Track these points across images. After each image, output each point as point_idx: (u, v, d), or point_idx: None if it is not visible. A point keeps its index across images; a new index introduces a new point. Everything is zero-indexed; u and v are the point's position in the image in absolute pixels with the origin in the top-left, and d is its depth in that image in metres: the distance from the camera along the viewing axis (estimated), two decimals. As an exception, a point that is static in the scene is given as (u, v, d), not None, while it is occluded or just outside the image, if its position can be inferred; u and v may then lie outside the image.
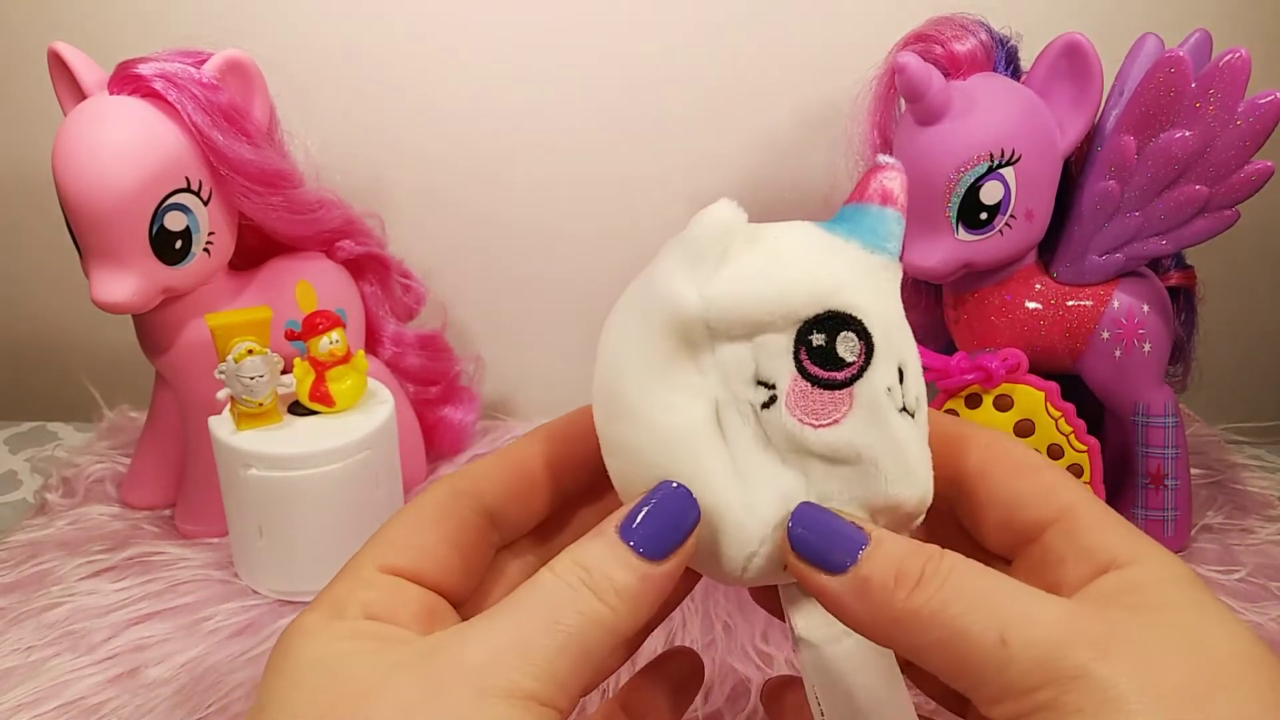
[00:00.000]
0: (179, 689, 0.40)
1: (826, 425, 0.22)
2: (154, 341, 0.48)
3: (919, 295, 0.52)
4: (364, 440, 0.44)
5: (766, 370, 0.22)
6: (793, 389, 0.22)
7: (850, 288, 0.22)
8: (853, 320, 0.22)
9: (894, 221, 0.23)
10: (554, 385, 0.67)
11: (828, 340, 0.22)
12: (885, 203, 0.22)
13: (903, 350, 0.23)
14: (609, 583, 0.21)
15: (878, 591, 0.20)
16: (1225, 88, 0.40)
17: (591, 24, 0.58)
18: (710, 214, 0.22)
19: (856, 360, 0.22)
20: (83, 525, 0.51)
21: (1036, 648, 0.18)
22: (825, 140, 0.55)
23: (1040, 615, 0.19)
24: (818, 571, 0.21)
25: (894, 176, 0.23)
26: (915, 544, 0.21)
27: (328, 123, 0.53)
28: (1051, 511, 0.22)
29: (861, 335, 0.22)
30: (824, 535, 0.21)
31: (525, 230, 0.63)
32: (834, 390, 0.22)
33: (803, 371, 0.22)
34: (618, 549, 0.21)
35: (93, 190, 0.42)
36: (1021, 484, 0.23)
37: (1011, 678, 0.18)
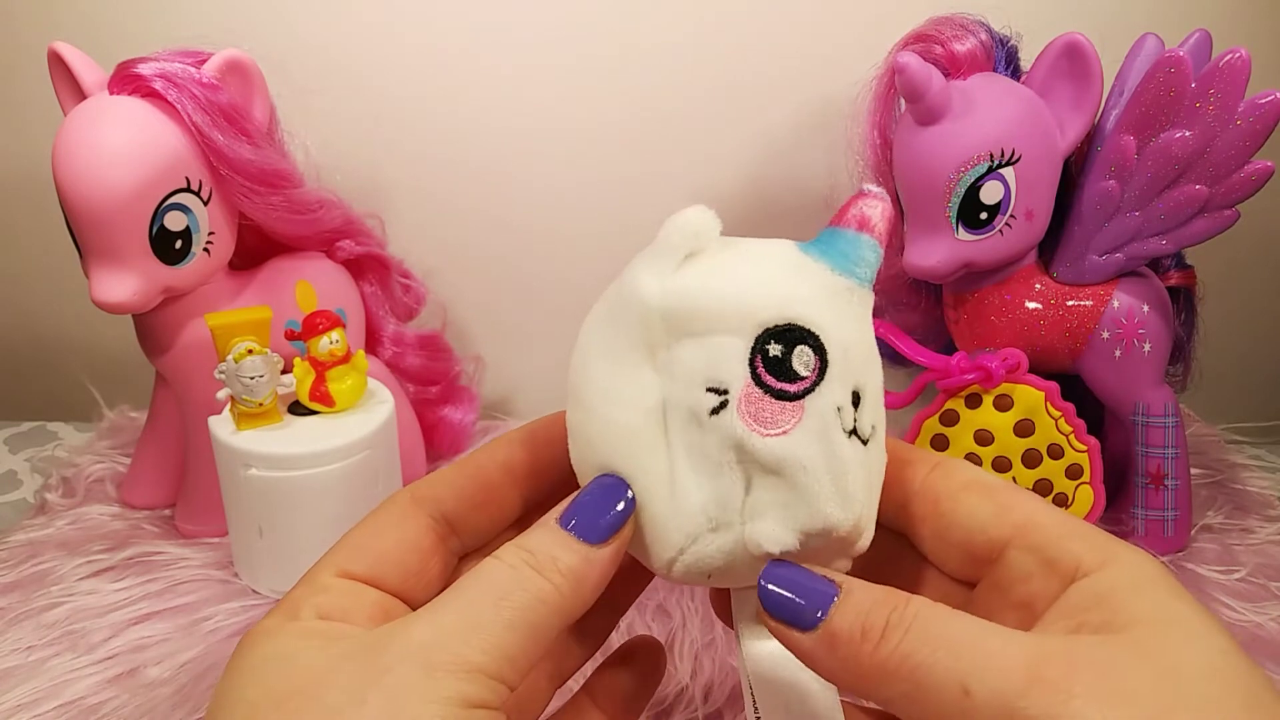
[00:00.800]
0: (179, 689, 0.40)
1: (775, 434, 0.22)
2: (154, 341, 0.48)
3: (919, 295, 0.52)
4: (364, 440, 0.44)
5: (720, 375, 0.23)
6: (745, 395, 0.22)
7: (811, 304, 0.22)
8: (810, 335, 0.22)
9: (868, 248, 0.23)
10: (554, 385, 0.67)
11: (784, 351, 0.22)
12: (861, 229, 0.23)
13: (862, 375, 0.23)
14: (553, 562, 0.21)
15: (845, 645, 0.20)
16: (1225, 88, 0.40)
17: (591, 23, 0.58)
18: (681, 215, 0.23)
19: (810, 375, 0.22)
20: (83, 525, 0.51)
21: (1000, 697, 0.18)
22: (825, 140, 0.55)
23: (1002, 661, 0.19)
24: (792, 629, 0.21)
25: (875, 205, 0.23)
26: (883, 593, 0.21)
27: (328, 123, 0.53)
28: (1009, 529, 0.22)
29: (818, 351, 0.22)
30: (795, 592, 0.21)
31: (525, 230, 0.63)
32: (785, 401, 0.22)
33: (757, 379, 0.22)
34: (559, 534, 0.22)
35: (93, 190, 0.42)
36: (974, 505, 0.23)
37: None
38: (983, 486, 0.23)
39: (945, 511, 0.23)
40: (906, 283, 0.51)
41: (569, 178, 0.62)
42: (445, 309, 0.62)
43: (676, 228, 0.23)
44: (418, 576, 0.24)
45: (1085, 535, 0.21)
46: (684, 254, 0.23)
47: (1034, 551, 0.22)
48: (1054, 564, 0.21)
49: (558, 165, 0.62)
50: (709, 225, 0.23)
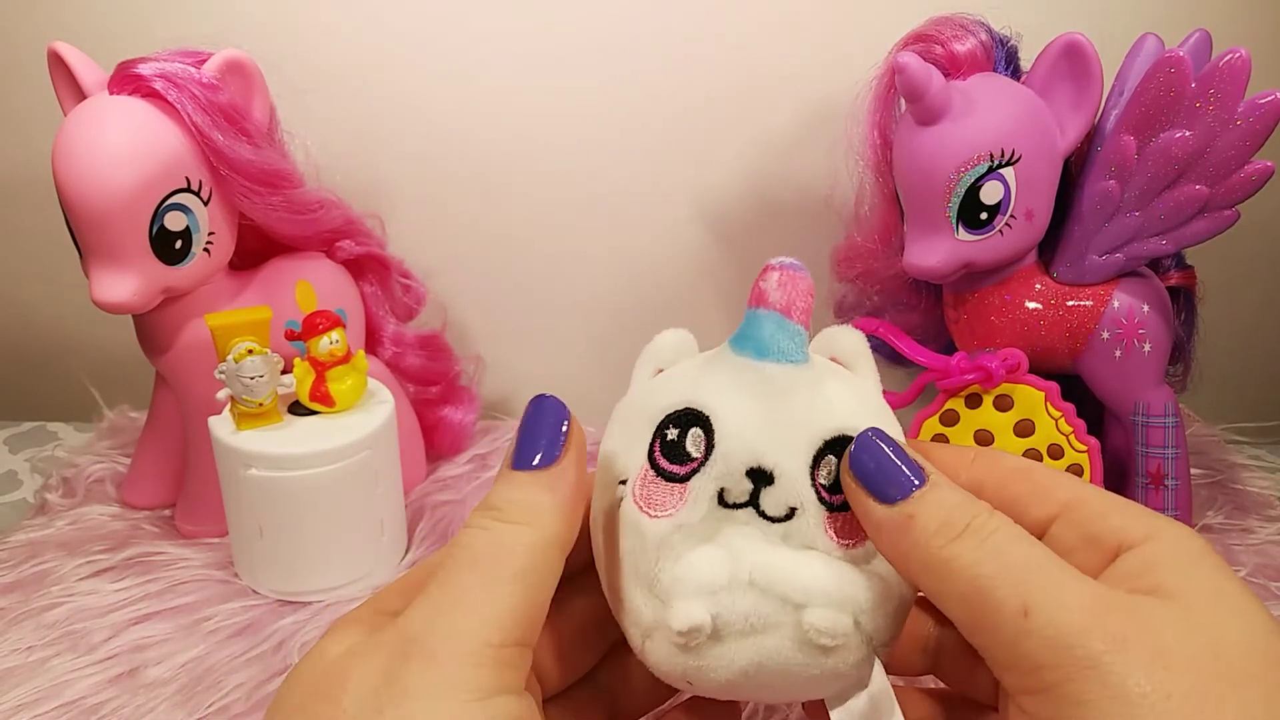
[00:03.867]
0: (179, 689, 0.40)
1: (661, 516, 0.22)
2: (154, 341, 0.48)
3: (919, 295, 0.52)
4: (364, 440, 0.44)
5: (625, 465, 0.24)
6: (640, 479, 0.23)
7: (708, 389, 0.23)
8: (700, 417, 0.23)
9: (766, 322, 0.23)
10: (554, 385, 0.67)
11: (679, 435, 0.23)
12: (758, 304, 0.23)
13: (772, 453, 0.22)
14: (518, 507, 0.22)
15: (919, 532, 0.21)
16: (1225, 88, 0.40)
17: (591, 23, 0.58)
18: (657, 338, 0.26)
19: (699, 456, 0.22)
20: (83, 525, 0.51)
21: (1056, 628, 0.18)
22: (825, 140, 0.55)
23: (1067, 596, 0.19)
24: (869, 497, 0.21)
25: (771, 276, 0.23)
26: (968, 497, 0.21)
27: (328, 123, 0.53)
28: (1053, 508, 0.22)
29: (707, 432, 0.22)
30: (882, 465, 0.21)
31: (525, 230, 0.63)
32: (673, 483, 0.22)
33: (652, 463, 0.23)
34: (514, 476, 0.22)
35: (93, 190, 0.42)
36: (1017, 489, 0.23)
37: (1026, 650, 0.19)
38: (1024, 472, 0.23)
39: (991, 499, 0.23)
40: (906, 283, 0.51)
41: (570, 178, 0.62)
42: (445, 309, 0.62)
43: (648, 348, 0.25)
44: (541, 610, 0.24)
45: (1128, 511, 0.22)
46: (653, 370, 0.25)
47: (1077, 527, 0.22)
48: (1097, 539, 0.21)
49: (558, 165, 0.61)
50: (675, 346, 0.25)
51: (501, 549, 0.21)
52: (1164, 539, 0.20)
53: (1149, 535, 0.21)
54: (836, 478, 0.22)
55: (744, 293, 0.69)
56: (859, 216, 0.51)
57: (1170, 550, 0.20)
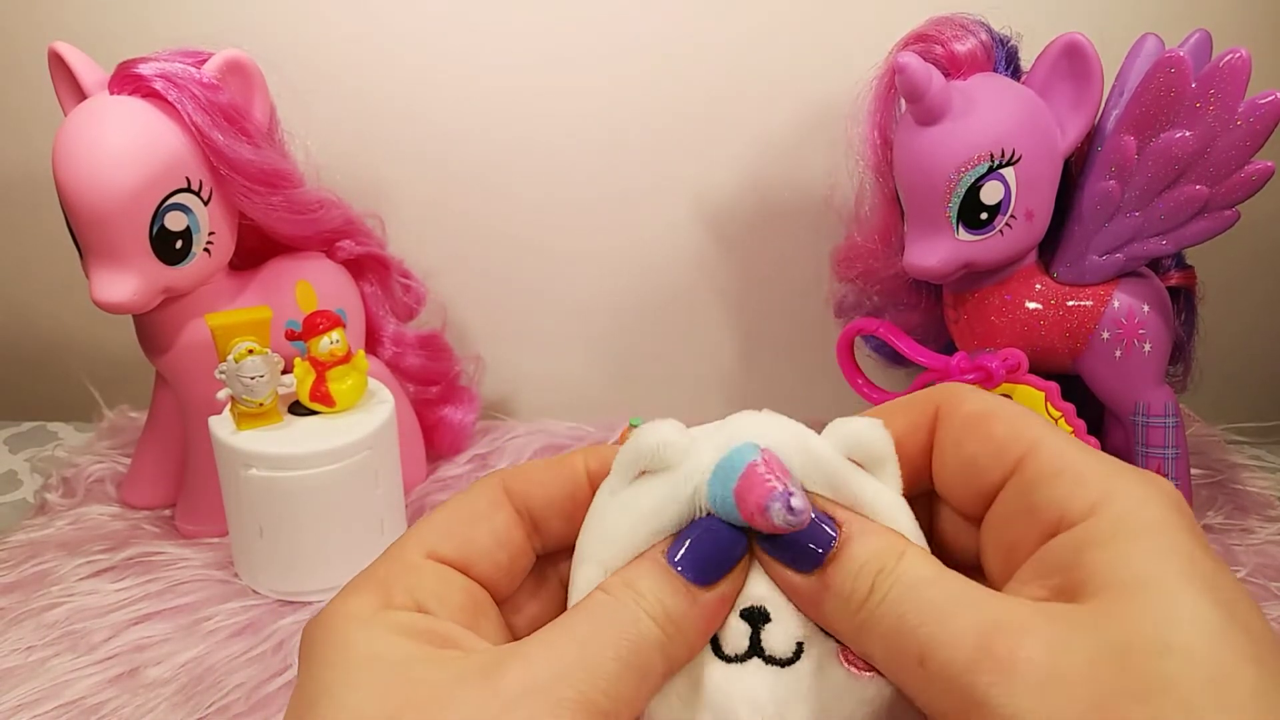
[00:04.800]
0: (179, 689, 0.40)
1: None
2: (154, 341, 0.48)
3: (919, 295, 0.52)
4: (364, 440, 0.44)
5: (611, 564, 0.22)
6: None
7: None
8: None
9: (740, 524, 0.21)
10: (554, 385, 0.67)
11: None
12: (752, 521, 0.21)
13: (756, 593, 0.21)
14: (661, 606, 0.20)
15: (833, 600, 0.20)
16: (1225, 88, 0.40)
17: (592, 25, 0.58)
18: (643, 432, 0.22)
19: None
20: (83, 525, 0.51)
21: (948, 670, 0.17)
22: (825, 140, 0.55)
23: (955, 632, 0.18)
24: (784, 568, 0.21)
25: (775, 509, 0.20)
26: (879, 546, 0.20)
27: (328, 123, 0.53)
28: (1002, 469, 0.21)
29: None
30: (797, 537, 0.20)
31: (525, 230, 0.63)
32: None
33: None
34: (667, 573, 0.21)
35: (93, 190, 0.42)
36: (972, 446, 0.21)
37: (931, 699, 0.18)
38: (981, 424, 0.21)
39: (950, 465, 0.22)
40: (907, 283, 0.51)
41: (569, 178, 0.62)
42: (445, 309, 0.62)
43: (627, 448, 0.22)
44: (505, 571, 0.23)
45: (1082, 474, 0.19)
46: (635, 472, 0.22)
47: (1020, 495, 0.20)
48: (1036, 512, 0.19)
49: (558, 165, 0.61)
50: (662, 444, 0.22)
51: (636, 639, 0.20)
52: (1106, 513, 0.18)
53: (1092, 508, 0.18)
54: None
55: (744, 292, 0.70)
56: (859, 216, 0.51)
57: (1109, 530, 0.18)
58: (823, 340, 0.58)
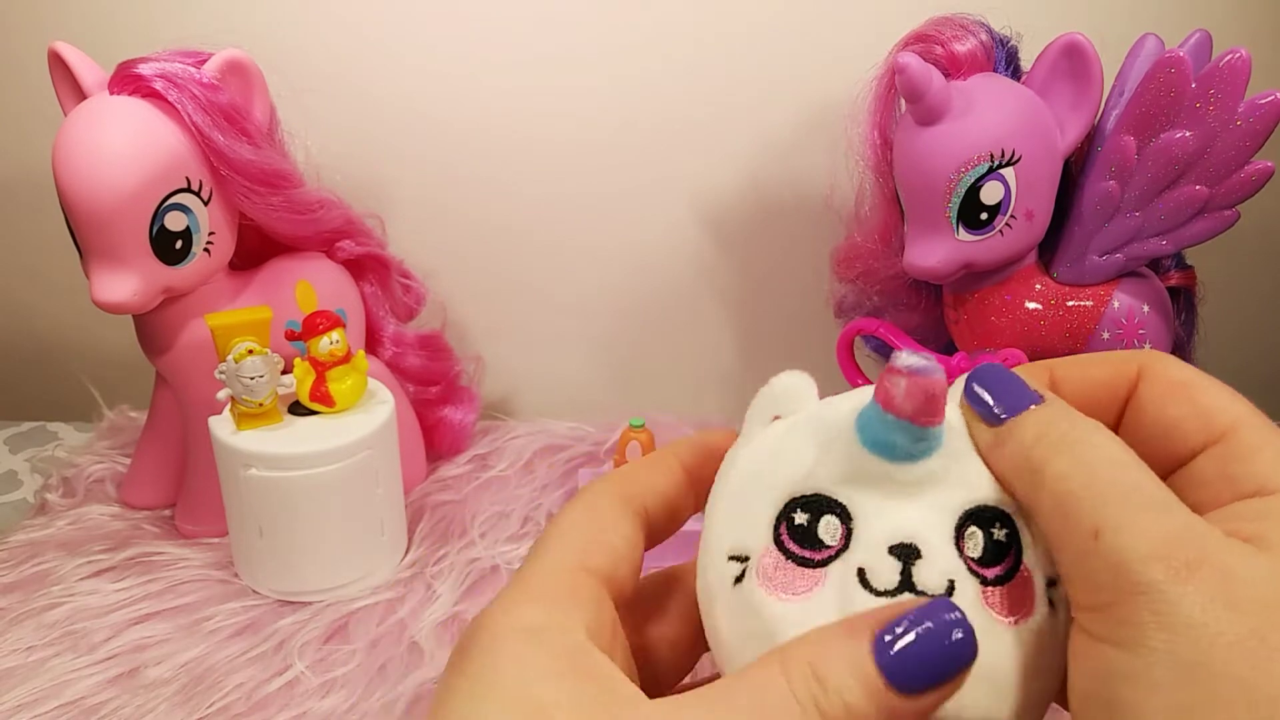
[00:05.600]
0: (179, 689, 0.40)
1: (792, 600, 0.22)
2: (154, 341, 0.48)
3: (919, 295, 0.52)
4: (364, 440, 0.44)
5: (744, 541, 0.22)
6: (768, 559, 0.22)
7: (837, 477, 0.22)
8: (835, 505, 0.22)
9: (896, 433, 0.21)
10: (554, 385, 0.67)
11: (810, 520, 0.22)
12: (886, 408, 0.22)
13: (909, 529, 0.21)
14: (844, 710, 0.18)
15: (1016, 442, 0.20)
16: (1225, 88, 0.40)
17: (592, 25, 0.58)
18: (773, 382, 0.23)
19: (835, 545, 0.22)
20: (83, 525, 0.51)
21: (1120, 554, 0.18)
22: (825, 140, 0.55)
23: (1141, 524, 0.18)
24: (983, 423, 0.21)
25: (898, 383, 0.21)
26: (1073, 413, 0.21)
27: (328, 123, 0.53)
28: (1205, 437, 0.21)
29: (844, 520, 0.22)
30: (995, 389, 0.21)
31: (525, 231, 0.63)
32: (807, 568, 0.22)
33: (780, 545, 0.22)
34: (865, 667, 0.18)
35: (93, 190, 0.42)
36: (1178, 410, 0.22)
37: (1089, 570, 0.18)
38: (1187, 389, 0.22)
39: (1150, 418, 0.22)
40: (907, 283, 0.51)
41: (569, 178, 0.62)
42: (445, 309, 0.62)
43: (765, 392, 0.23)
44: (635, 576, 0.23)
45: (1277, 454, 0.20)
46: (769, 419, 0.23)
47: (1220, 462, 0.21)
48: (1233, 480, 0.20)
49: (558, 165, 0.62)
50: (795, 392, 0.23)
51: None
52: None
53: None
54: (985, 550, 0.22)
55: (744, 292, 0.70)
56: (859, 216, 0.51)
57: None
58: (823, 340, 0.58)
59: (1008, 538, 0.22)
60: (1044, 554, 0.22)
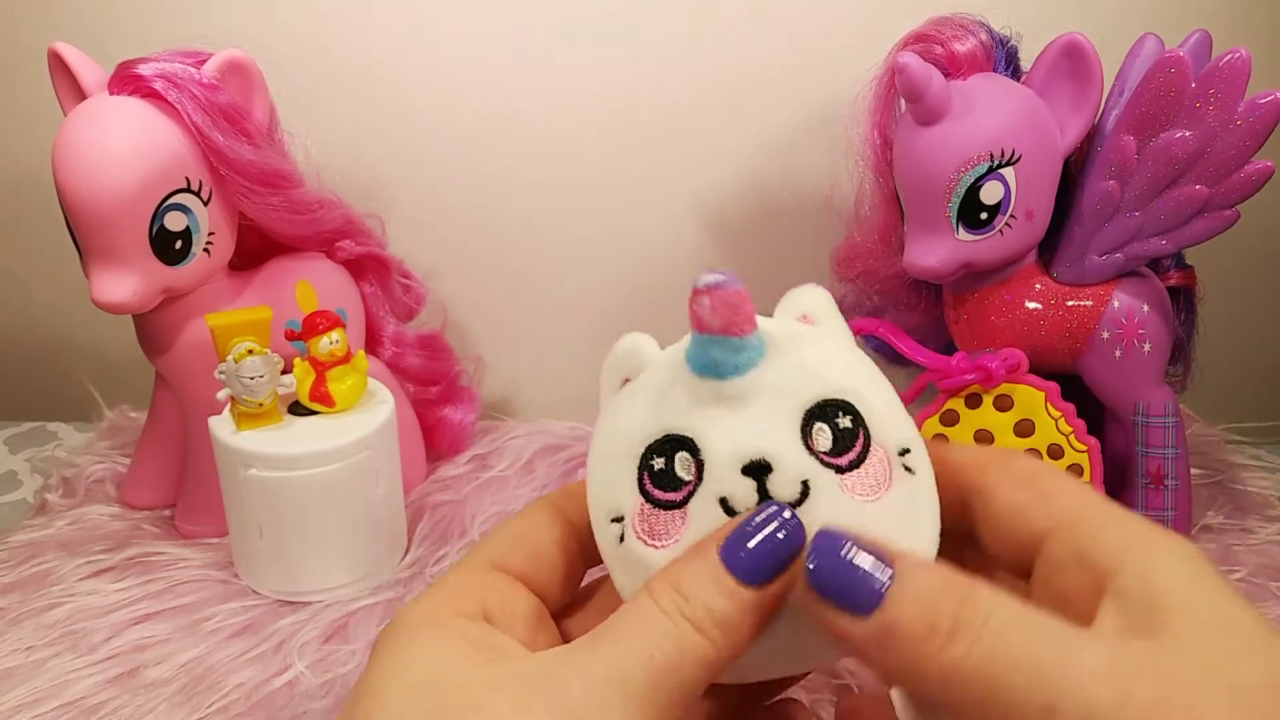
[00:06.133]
0: (179, 689, 0.40)
1: (665, 546, 0.22)
2: (154, 341, 0.48)
3: (919, 295, 0.52)
4: (364, 440, 0.44)
5: (617, 501, 0.23)
6: (638, 514, 0.22)
7: (679, 412, 0.22)
8: (685, 441, 0.22)
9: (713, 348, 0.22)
10: (554, 385, 0.67)
11: (666, 462, 0.22)
12: (698, 329, 0.22)
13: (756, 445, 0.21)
14: (707, 612, 0.20)
15: (906, 642, 0.19)
16: (1225, 88, 0.40)
17: (591, 23, 0.58)
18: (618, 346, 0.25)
19: (691, 479, 0.22)
20: (83, 525, 0.51)
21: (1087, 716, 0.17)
22: (825, 140, 0.55)
23: (1089, 677, 0.17)
24: (838, 614, 0.19)
25: (702, 302, 0.21)
26: (946, 578, 0.19)
27: (328, 123, 0.53)
28: (1052, 520, 0.21)
29: (694, 453, 0.22)
30: (841, 572, 0.19)
31: (525, 230, 0.63)
32: (672, 510, 0.22)
33: (645, 495, 0.22)
34: (716, 573, 0.20)
35: (93, 190, 0.42)
36: (1021, 495, 0.22)
37: None
38: (1030, 478, 0.22)
39: (997, 505, 0.23)
40: (906, 283, 0.51)
41: (570, 177, 0.62)
42: (445, 309, 0.62)
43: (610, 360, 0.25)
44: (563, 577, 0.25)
45: (1125, 526, 0.20)
46: (620, 381, 0.24)
47: (1071, 543, 0.21)
48: (1087, 557, 0.20)
49: (558, 165, 0.62)
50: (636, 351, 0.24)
51: (675, 652, 0.20)
52: (1157, 561, 0.19)
53: (1141, 556, 0.19)
54: (835, 441, 0.22)
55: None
56: (859, 216, 0.51)
57: (1167, 576, 0.19)
58: (823, 340, 0.58)
59: (853, 422, 0.22)
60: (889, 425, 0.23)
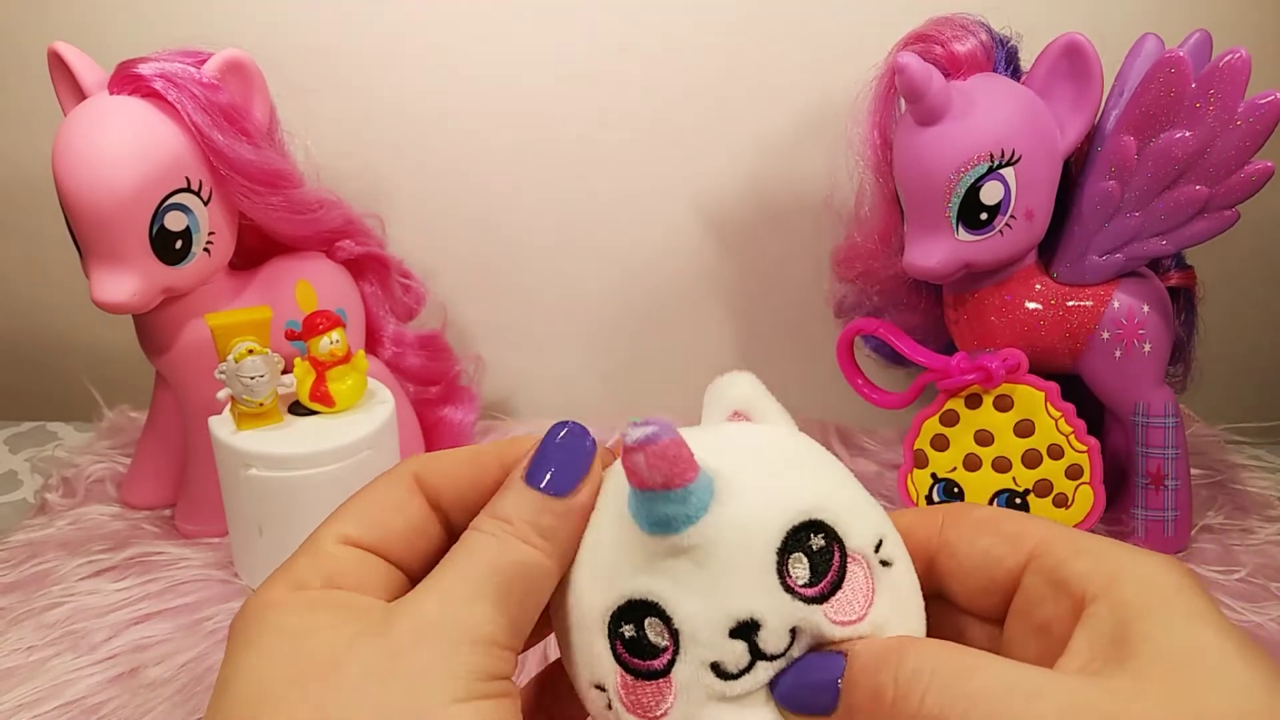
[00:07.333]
0: (179, 689, 0.40)
1: (660, 715, 0.21)
2: (154, 341, 0.48)
3: (919, 295, 0.52)
4: (364, 440, 0.44)
5: (595, 671, 0.22)
6: (621, 684, 0.22)
7: (639, 576, 0.21)
8: (651, 606, 0.21)
9: (659, 504, 0.21)
10: (554, 385, 0.67)
11: (637, 629, 0.21)
12: (640, 487, 0.21)
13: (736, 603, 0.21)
14: (530, 527, 0.22)
15: (864, 716, 0.20)
16: (1225, 88, 0.40)
17: (592, 24, 0.58)
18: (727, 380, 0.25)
19: (668, 644, 0.21)
20: (83, 525, 0.51)
21: None
22: (825, 140, 0.55)
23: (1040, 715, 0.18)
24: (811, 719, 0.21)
25: (637, 460, 0.20)
26: (878, 646, 0.20)
27: (328, 123, 0.53)
28: (1022, 556, 0.22)
29: (664, 619, 0.21)
30: (803, 677, 0.21)
31: (525, 231, 0.63)
32: (655, 680, 0.21)
33: (623, 665, 0.21)
34: (528, 495, 0.22)
35: (93, 190, 0.42)
36: (988, 544, 0.22)
37: None
38: (991, 522, 0.23)
39: (963, 556, 0.23)
40: (906, 283, 0.51)
41: (569, 178, 0.62)
42: (445, 309, 0.62)
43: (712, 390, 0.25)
44: (420, 554, 0.24)
45: (1097, 552, 0.21)
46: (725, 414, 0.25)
47: (1045, 574, 0.21)
48: (1062, 585, 0.21)
49: (558, 165, 0.62)
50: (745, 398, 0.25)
51: (514, 564, 0.22)
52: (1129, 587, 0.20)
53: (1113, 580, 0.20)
54: (812, 571, 0.21)
55: (744, 292, 0.69)
56: (859, 216, 0.51)
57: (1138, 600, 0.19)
58: (823, 340, 0.58)
59: (826, 539, 0.21)
60: (859, 522, 0.22)
